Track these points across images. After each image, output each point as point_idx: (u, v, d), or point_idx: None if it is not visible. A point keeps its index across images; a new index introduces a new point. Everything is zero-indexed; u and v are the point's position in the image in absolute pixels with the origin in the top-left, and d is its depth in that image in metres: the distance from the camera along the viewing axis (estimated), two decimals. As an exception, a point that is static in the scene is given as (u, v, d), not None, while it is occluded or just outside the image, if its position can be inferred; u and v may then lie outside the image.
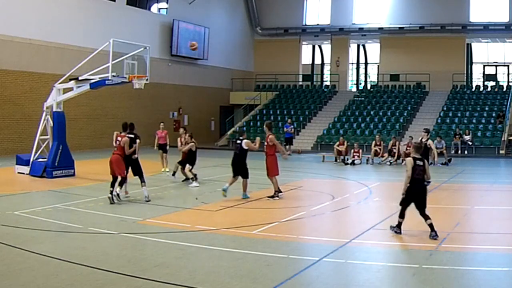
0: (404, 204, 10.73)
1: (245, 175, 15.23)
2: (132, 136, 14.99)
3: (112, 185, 14.37)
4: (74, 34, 29.64)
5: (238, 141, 15.44)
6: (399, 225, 10.67)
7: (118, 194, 14.21)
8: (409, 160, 10.71)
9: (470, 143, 30.94)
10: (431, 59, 39.86)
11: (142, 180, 14.80)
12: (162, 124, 22.13)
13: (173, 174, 18.70)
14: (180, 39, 37.70)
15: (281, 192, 15.39)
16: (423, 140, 18.59)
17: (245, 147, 15.24)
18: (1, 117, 26.64)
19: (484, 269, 8.47)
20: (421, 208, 10.55)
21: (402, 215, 10.69)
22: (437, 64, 39.47)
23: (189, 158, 17.92)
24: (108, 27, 30.39)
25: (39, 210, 12.99)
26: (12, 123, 27.04)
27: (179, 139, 18.73)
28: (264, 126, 16.09)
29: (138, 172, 14.89)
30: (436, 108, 36.54)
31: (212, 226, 11.47)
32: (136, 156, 14.78)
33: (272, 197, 15.06)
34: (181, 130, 18.93)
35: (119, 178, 14.37)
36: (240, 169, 15.25)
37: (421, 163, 10.62)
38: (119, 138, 14.79)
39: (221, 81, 42.76)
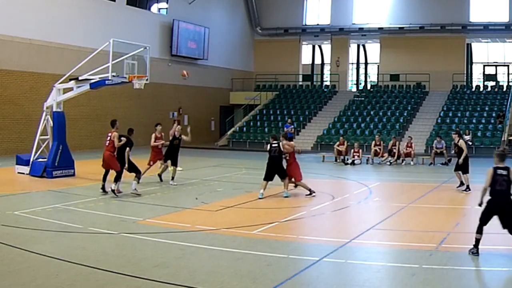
0: (484, 219, 9.41)
1: (284, 175, 15.74)
2: (124, 139, 15.41)
3: (104, 179, 15.44)
4: (74, 34, 29.65)
5: (275, 144, 15.76)
6: (476, 244, 9.26)
7: (113, 190, 14.82)
8: (489, 171, 9.34)
9: (470, 143, 30.93)
10: (431, 59, 39.90)
11: (137, 176, 15.56)
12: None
13: (159, 177, 18.58)
14: (180, 39, 37.76)
15: (314, 192, 15.89)
16: (455, 142, 18.57)
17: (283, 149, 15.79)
18: (1, 117, 26.65)
19: (484, 269, 8.50)
20: (508, 225, 9.21)
21: (480, 230, 9.34)
22: (437, 64, 39.51)
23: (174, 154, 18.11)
24: (108, 27, 30.42)
25: (39, 210, 12.99)
26: (12, 123, 27.05)
27: (153, 135, 18.55)
28: (281, 137, 16.40)
29: (133, 169, 15.52)
30: (436, 108, 36.55)
31: (212, 226, 11.48)
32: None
33: (310, 194, 15.66)
34: (159, 127, 18.74)
35: (112, 172, 15.32)
36: (279, 171, 15.73)
37: (505, 172, 9.19)
38: (110, 134, 15.40)
39: (221, 81, 42.80)
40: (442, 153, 26.17)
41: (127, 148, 15.20)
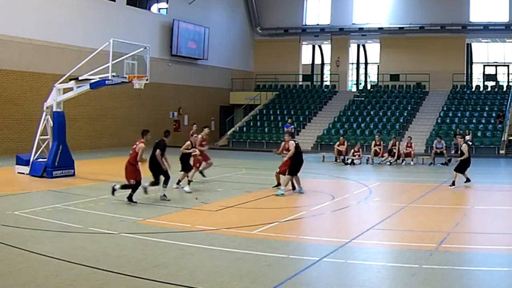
0: None
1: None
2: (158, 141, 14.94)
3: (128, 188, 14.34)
4: (74, 34, 29.72)
5: (297, 141, 16.50)
6: None
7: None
8: None
9: (470, 143, 30.96)
10: (431, 59, 40.02)
11: (166, 182, 14.80)
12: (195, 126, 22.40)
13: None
14: (180, 39, 37.83)
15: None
16: (460, 145, 18.73)
17: None
18: (1, 117, 26.70)
19: (484, 269, 8.50)
20: None
21: None
22: (437, 64, 39.62)
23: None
24: (108, 27, 30.48)
25: (39, 210, 13.02)
26: (12, 123, 27.10)
27: (200, 136, 18.31)
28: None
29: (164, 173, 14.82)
30: (436, 108, 36.65)
31: (212, 226, 11.50)
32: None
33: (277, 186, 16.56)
34: (206, 130, 18.93)
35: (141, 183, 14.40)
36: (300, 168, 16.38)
37: None
38: (137, 143, 14.51)
39: (221, 81, 42.90)
40: (442, 153, 26.19)
41: (158, 151, 14.54)
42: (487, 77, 41.83)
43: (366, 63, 48.56)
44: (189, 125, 38.66)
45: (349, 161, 25.65)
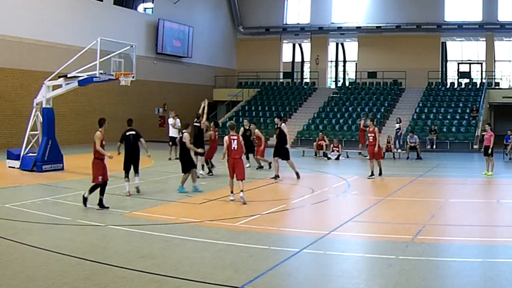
0: None
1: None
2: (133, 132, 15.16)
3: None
4: (63, 33, 30.01)
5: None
6: None
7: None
8: None
9: (399, 131, 31.32)
10: (407, 57, 40.57)
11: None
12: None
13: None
14: (165, 37, 38.29)
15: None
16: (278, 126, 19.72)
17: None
18: (-7, 113, 26.92)
19: (458, 260, 8.72)
20: None
21: None
22: (413, 62, 40.23)
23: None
24: (96, 26, 30.74)
25: (29, 203, 13.13)
26: (3, 119, 27.39)
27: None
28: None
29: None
30: (412, 105, 37.26)
31: (196, 218, 11.68)
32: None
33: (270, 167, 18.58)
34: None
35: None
36: None
37: None
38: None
39: (205, 78, 43.30)
40: (415, 148, 26.91)
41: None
42: (461, 75, 42.22)
43: (344, 61, 48.95)
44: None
45: (334, 156, 26.15)
